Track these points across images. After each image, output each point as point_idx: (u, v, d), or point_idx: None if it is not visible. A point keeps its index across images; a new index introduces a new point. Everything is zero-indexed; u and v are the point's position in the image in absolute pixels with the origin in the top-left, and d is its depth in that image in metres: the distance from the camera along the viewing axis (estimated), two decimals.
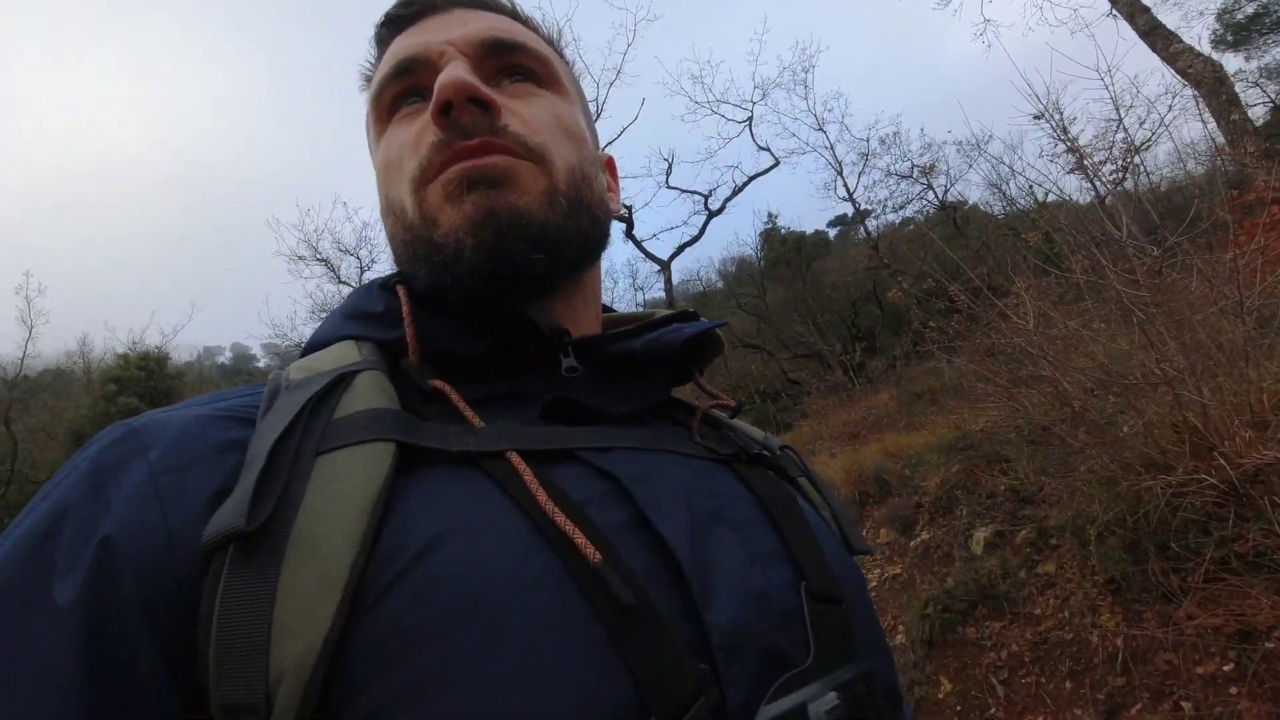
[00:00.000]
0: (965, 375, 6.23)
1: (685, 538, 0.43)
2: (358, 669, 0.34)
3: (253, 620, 0.33)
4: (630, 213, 14.57)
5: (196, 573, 0.35)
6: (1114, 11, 7.79)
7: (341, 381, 0.45)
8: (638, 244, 14.87)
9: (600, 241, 0.57)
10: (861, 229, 17.37)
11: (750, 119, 15.38)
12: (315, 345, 0.52)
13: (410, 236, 0.51)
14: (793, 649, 0.42)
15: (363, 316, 0.53)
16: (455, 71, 0.50)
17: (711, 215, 15.55)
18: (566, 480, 0.43)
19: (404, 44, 0.55)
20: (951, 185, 15.46)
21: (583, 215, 0.53)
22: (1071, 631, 3.20)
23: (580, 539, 0.38)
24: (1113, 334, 3.75)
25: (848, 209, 17.76)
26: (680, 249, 15.49)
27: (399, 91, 0.55)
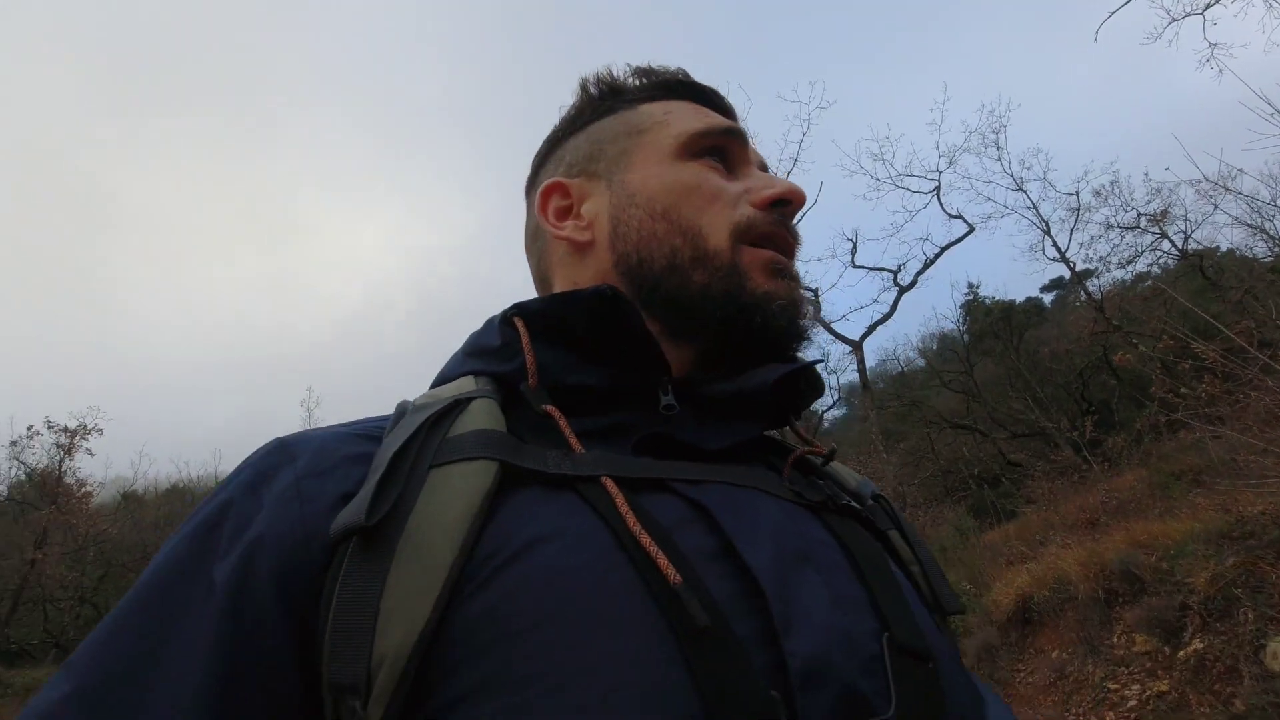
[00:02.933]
0: (1237, 448, 5.17)
1: (771, 568, 0.43)
2: (449, 658, 0.37)
3: (362, 607, 0.38)
4: (816, 296, 14.42)
5: (324, 563, 0.41)
6: None
7: (457, 406, 0.50)
8: (826, 326, 14.56)
9: None
10: (1081, 291, 15.51)
11: (938, 188, 14.74)
12: (440, 381, 0.59)
13: (701, 262, 0.59)
14: (875, 696, 0.40)
15: (481, 352, 0.59)
16: (799, 189, 0.63)
17: (903, 291, 14.87)
18: (656, 506, 0.46)
19: (720, 121, 0.67)
20: (1192, 231, 13.35)
21: None
22: None
23: (662, 560, 0.40)
24: None
25: (1061, 270, 16.03)
26: (872, 328, 14.91)
27: (716, 145, 0.65)
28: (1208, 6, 9.66)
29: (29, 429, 16.90)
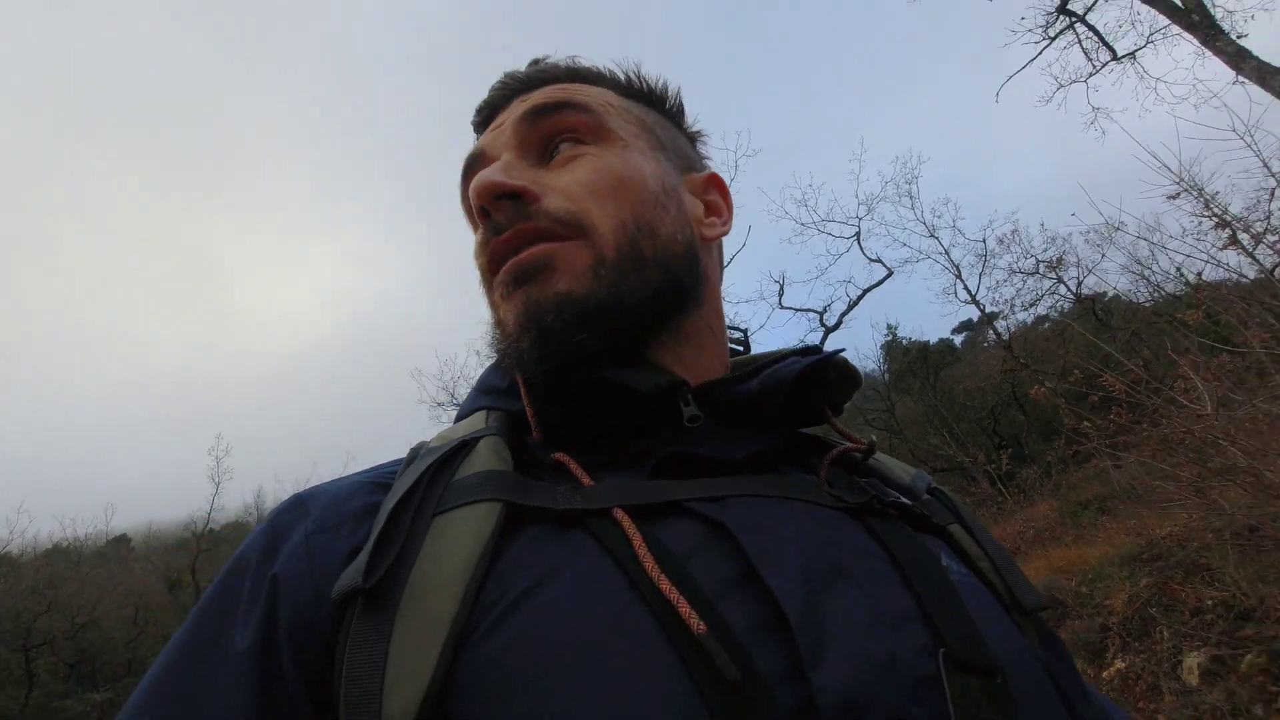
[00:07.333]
0: (1139, 475, 5.51)
1: (796, 591, 0.39)
2: (458, 713, 0.35)
3: (370, 672, 0.37)
4: (746, 337, 14.71)
5: (335, 622, 0.40)
6: (1240, 79, 7.37)
7: (464, 447, 0.48)
8: None
9: (680, 284, 0.55)
10: (990, 331, 16.50)
11: (858, 234, 15.40)
12: (459, 417, 0.58)
13: (491, 335, 0.55)
14: None
15: (491, 390, 0.58)
16: (482, 176, 0.52)
17: (828, 331, 15.35)
18: (671, 534, 0.42)
19: (473, 148, 0.61)
20: (1084, 276, 14.49)
21: (645, 269, 0.52)
22: None
23: (685, 608, 0.36)
24: None
25: (972, 312, 17.05)
26: None
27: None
28: (1090, 75, 10.73)
29: None
